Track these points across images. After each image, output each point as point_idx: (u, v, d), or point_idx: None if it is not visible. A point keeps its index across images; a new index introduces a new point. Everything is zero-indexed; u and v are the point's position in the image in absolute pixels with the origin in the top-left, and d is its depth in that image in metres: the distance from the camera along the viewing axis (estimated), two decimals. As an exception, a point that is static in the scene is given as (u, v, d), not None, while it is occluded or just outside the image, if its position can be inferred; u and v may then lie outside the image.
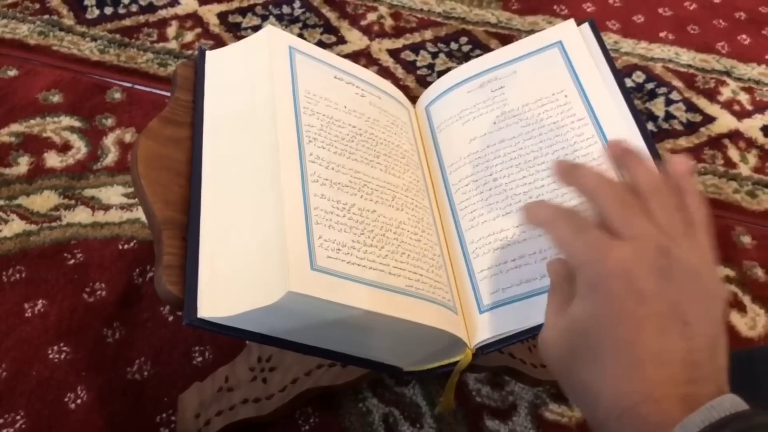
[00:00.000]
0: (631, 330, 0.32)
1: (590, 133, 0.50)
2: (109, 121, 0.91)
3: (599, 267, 0.34)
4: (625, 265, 0.33)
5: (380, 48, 1.05)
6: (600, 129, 0.50)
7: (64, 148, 0.88)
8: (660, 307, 0.33)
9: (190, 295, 0.41)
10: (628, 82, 1.03)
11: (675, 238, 0.35)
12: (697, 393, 0.31)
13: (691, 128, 0.98)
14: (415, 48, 1.06)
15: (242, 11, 1.09)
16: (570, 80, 0.53)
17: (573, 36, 0.55)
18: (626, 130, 0.49)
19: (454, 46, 1.07)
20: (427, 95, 0.59)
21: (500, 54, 0.57)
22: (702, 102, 1.01)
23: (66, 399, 0.68)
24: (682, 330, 0.33)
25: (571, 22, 0.56)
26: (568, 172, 0.38)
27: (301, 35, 1.05)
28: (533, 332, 0.44)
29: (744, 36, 1.12)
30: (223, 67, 0.54)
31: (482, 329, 0.45)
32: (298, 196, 0.44)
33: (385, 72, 1.01)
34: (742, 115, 1.00)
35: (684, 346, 0.32)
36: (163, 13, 1.07)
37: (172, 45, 1.02)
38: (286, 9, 1.10)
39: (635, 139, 0.48)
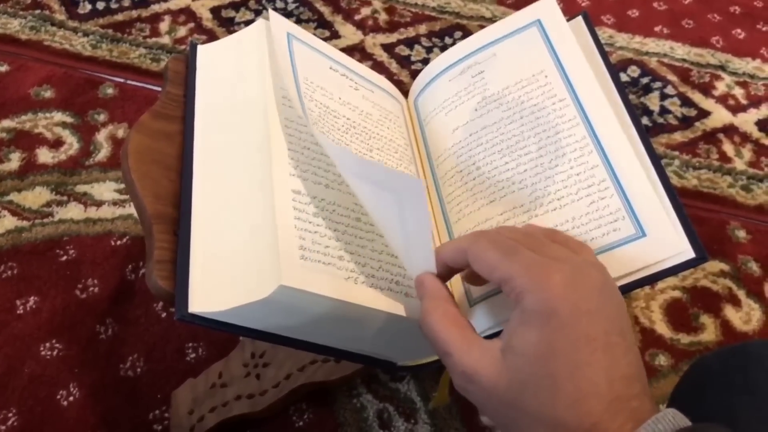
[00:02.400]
0: (586, 352, 0.33)
1: (572, 114, 0.49)
2: (102, 117, 0.90)
3: (546, 293, 0.34)
4: (570, 288, 0.34)
5: (374, 43, 1.05)
6: (582, 109, 0.49)
7: (56, 143, 0.87)
8: (605, 324, 0.34)
9: (181, 289, 0.41)
10: (623, 77, 1.03)
11: (592, 257, 0.37)
12: (641, 407, 0.32)
13: (685, 123, 0.98)
14: (410, 43, 1.05)
15: (235, 6, 1.08)
16: (550, 60, 0.52)
17: (551, 13, 0.54)
18: (607, 107, 0.48)
19: (448, 40, 1.06)
20: (414, 88, 0.59)
21: (479, 37, 0.56)
22: (697, 96, 1.01)
23: (58, 396, 0.67)
24: (621, 345, 0.34)
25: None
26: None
27: (294, 30, 1.04)
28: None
29: (739, 30, 1.12)
30: (215, 61, 0.54)
31: (473, 322, 0.45)
32: (288, 190, 0.43)
33: (379, 67, 1.01)
34: (736, 109, 1.00)
35: (625, 361, 0.33)
36: (155, 8, 1.06)
37: (165, 40, 1.02)
38: (279, 3, 1.09)
39: (628, 134, 0.48)
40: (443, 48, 1.05)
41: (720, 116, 0.99)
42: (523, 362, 0.34)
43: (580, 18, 0.55)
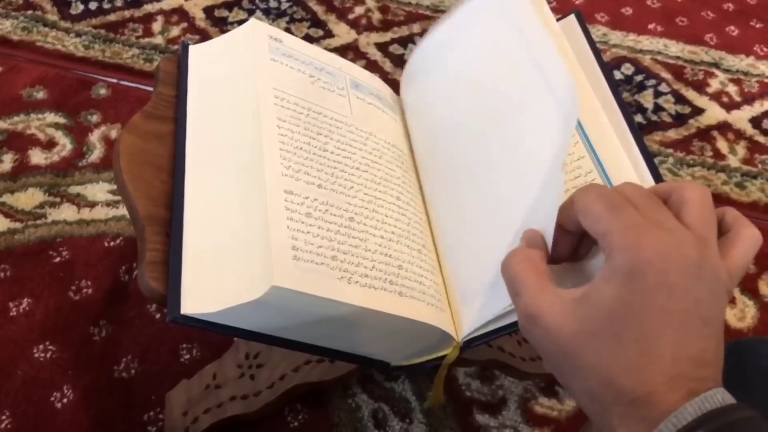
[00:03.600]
0: (658, 323, 0.33)
1: (541, 91, 0.46)
2: (95, 118, 0.90)
3: (637, 254, 0.33)
4: (663, 257, 0.33)
5: (368, 42, 1.05)
6: (549, 83, 0.45)
7: (49, 145, 0.87)
8: (687, 304, 0.33)
9: (173, 291, 0.41)
10: (617, 75, 1.03)
11: (709, 237, 0.35)
12: (700, 389, 0.32)
13: (679, 120, 0.98)
14: (404, 41, 1.05)
15: (228, 5, 1.08)
16: (515, 39, 0.49)
17: None
18: (593, 97, 0.48)
19: (442, 39, 1.06)
20: (402, 86, 0.59)
21: (445, 25, 0.55)
22: (691, 94, 1.01)
23: (52, 398, 0.67)
24: (701, 329, 0.33)
25: None
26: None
27: (288, 29, 1.04)
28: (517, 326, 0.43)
29: (732, 27, 1.12)
30: (207, 62, 0.53)
31: (468, 322, 0.45)
32: (281, 191, 0.43)
33: (373, 66, 1.01)
34: (730, 106, 1.00)
35: (700, 345, 0.33)
36: (148, 8, 1.06)
37: (158, 40, 1.01)
38: (273, 3, 1.09)
39: (621, 131, 0.48)
40: (437, 47, 1.05)
41: (714, 113, 0.99)
42: (594, 314, 0.33)
43: (572, 16, 0.54)
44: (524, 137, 0.46)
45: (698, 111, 0.99)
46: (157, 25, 1.03)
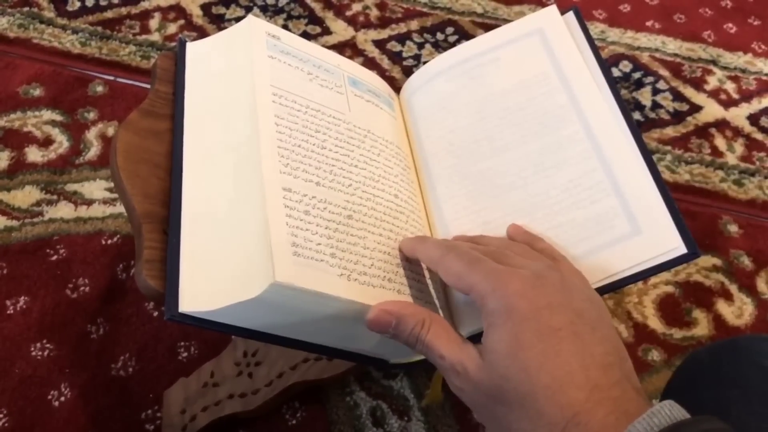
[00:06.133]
0: (553, 341, 0.34)
1: (572, 119, 0.49)
2: (91, 115, 0.90)
3: (504, 292, 0.36)
4: (528, 285, 0.36)
5: (366, 39, 1.04)
6: (582, 115, 0.49)
7: (46, 142, 0.86)
8: (570, 315, 0.35)
9: (171, 289, 0.41)
10: (615, 72, 1.03)
11: (557, 257, 0.41)
12: (623, 396, 0.33)
13: (677, 117, 0.98)
14: (401, 38, 1.05)
15: (226, 2, 1.07)
16: (551, 67, 0.52)
17: (554, 22, 0.54)
18: (610, 117, 0.49)
19: (440, 36, 1.06)
20: (411, 85, 0.58)
21: (481, 42, 0.56)
22: (689, 91, 1.01)
23: (49, 396, 0.67)
24: (592, 334, 0.35)
25: (553, 8, 0.55)
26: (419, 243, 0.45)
27: (285, 26, 1.04)
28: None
29: (730, 24, 1.12)
30: (204, 58, 0.53)
31: (465, 320, 0.45)
32: (279, 188, 0.43)
33: (370, 63, 1.00)
34: (728, 103, 1.00)
35: (598, 350, 0.34)
36: (145, 4, 1.05)
37: (155, 37, 1.01)
38: (270, 0, 1.09)
39: (620, 129, 0.48)
40: (435, 44, 1.04)
41: (712, 111, 0.99)
42: (497, 359, 0.35)
43: (570, 13, 0.55)
44: (546, 160, 0.49)
45: (696, 108, 0.99)
46: (154, 22, 1.03)
